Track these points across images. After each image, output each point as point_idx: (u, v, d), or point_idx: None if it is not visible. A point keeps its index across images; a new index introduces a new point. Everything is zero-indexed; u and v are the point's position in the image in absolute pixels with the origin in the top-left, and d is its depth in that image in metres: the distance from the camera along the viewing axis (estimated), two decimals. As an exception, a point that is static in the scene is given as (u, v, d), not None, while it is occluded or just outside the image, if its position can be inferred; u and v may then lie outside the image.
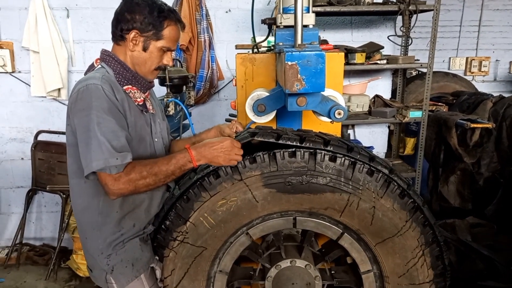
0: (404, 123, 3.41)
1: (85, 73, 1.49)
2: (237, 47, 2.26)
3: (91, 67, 1.51)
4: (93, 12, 3.29)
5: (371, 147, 3.35)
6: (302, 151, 1.37)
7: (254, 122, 1.68)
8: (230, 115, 2.86)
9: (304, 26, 1.54)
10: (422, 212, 1.46)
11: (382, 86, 3.52)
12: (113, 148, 1.32)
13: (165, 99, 2.04)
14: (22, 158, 3.45)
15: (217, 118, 3.50)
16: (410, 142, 3.59)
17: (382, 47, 3.12)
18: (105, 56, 1.48)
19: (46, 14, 3.11)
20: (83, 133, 1.34)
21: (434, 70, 3.63)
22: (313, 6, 2.83)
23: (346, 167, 1.39)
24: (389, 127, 3.61)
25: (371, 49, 3.09)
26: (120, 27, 1.44)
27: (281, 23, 1.53)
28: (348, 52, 2.96)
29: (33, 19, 3.10)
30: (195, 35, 3.23)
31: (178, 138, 2.05)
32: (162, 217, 1.50)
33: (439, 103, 3.98)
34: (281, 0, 1.56)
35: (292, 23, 1.42)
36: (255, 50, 1.92)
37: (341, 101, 1.55)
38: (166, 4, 1.49)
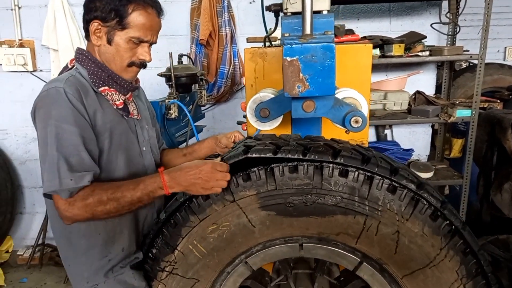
0: (457, 123, 3.02)
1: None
2: (248, 40, 2.01)
3: (64, 69, 1.33)
4: (112, 7, 3.18)
5: (411, 150, 3.00)
6: (305, 165, 1.11)
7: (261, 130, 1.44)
8: (244, 116, 2.62)
9: (317, 12, 1.27)
10: (462, 237, 1.15)
11: (425, 81, 3.14)
12: (69, 167, 1.14)
13: (166, 101, 1.85)
14: (46, 158, 3.42)
15: (240, 117, 3.27)
16: (458, 143, 3.19)
17: (425, 37, 2.75)
18: (79, 55, 1.30)
19: (65, 11, 3.03)
20: (41, 148, 1.17)
21: (486, 61, 3.20)
22: (343, -8, 2.53)
23: (360, 183, 1.11)
24: (433, 126, 3.23)
25: (411, 40, 2.73)
26: (85, 19, 1.25)
27: (286, 9, 1.27)
28: (384, 43, 2.62)
29: (51, 17, 3.03)
30: (216, 28, 3.02)
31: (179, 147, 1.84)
32: (148, 244, 1.30)
33: (493, 99, 3.53)
34: (289, -18, 1.30)
35: (301, 9, 1.15)
36: (267, 43, 1.66)
37: (364, 104, 1.26)
38: None
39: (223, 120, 3.31)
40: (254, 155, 1.13)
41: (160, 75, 2.04)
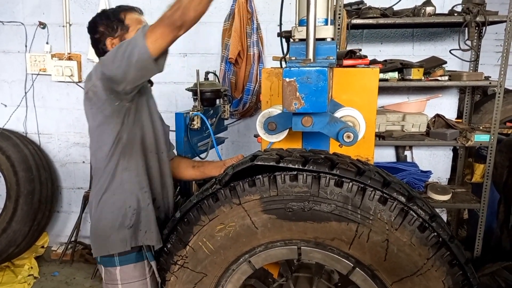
0: (475, 147, 3.03)
1: None
2: (273, 59, 2.18)
3: None
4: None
5: (429, 172, 3.03)
6: (304, 175, 1.24)
7: (273, 143, 1.59)
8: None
9: (321, 40, 1.42)
10: (449, 249, 1.23)
11: (447, 105, 3.19)
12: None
13: (190, 113, 2.04)
14: (84, 162, 3.71)
15: (263, 132, 3.43)
16: (480, 168, 3.19)
17: (445, 62, 2.81)
18: None
19: (109, 28, 3.34)
20: (112, 53, 1.43)
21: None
22: (365, 18, 2.66)
23: (354, 193, 1.22)
24: (456, 150, 3.25)
25: (431, 64, 2.80)
26: (100, 47, 1.64)
27: (294, 36, 1.43)
28: (404, 67, 2.72)
29: (97, 34, 3.34)
30: (245, 48, 3.22)
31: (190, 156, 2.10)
32: (164, 239, 1.46)
33: (519, 126, 3.50)
34: (298, 11, 1.46)
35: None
36: (283, 64, 1.82)
37: (361, 122, 1.38)
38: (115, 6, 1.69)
39: (247, 134, 3.48)
40: (259, 163, 1.27)
41: (188, 89, 2.24)
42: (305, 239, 1.34)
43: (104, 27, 1.62)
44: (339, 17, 2.52)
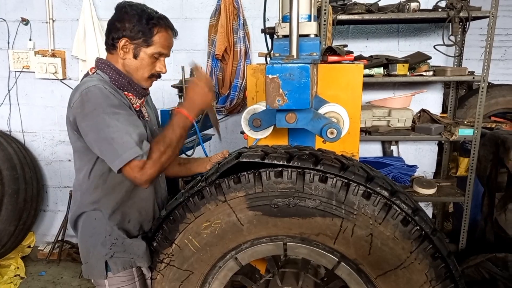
0: (460, 141, 3.08)
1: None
2: (259, 55, 2.18)
3: (85, 76, 1.53)
4: (137, 22, 3.42)
5: (415, 166, 3.07)
6: (289, 171, 1.24)
7: (259, 140, 1.59)
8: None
9: (304, 36, 1.42)
10: (432, 242, 1.25)
11: (432, 100, 3.22)
12: (138, 136, 1.36)
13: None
14: (69, 160, 3.66)
15: (250, 128, 3.43)
16: (464, 162, 3.25)
17: (429, 58, 2.84)
18: (100, 64, 1.50)
19: (94, 25, 3.29)
20: (101, 132, 1.34)
21: (501, 82, 3.23)
22: (350, 14, 2.67)
23: (338, 188, 1.23)
24: (442, 144, 3.29)
25: (416, 60, 2.83)
26: (111, 36, 1.48)
27: (277, 32, 1.43)
28: (389, 62, 2.74)
29: (82, 30, 3.30)
30: (232, 44, 3.21)
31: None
32: (150, 238, 1.46)
33: (503, 120, 3.56)
34: (281, 8, 1.46)
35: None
36: (268, 60, 1.82)
37: (345, 117, 1.39)
38: (156, 12, 1.49)
39: (235, 130, 3.47)
40: (244, 160, 1.27)
41: (173, 86, 2.22)
42: (290, 235, 1.35)
43: (130, 25, 1.44)
44: (325, 13, 2.52)
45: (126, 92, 1.50)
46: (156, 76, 1.56)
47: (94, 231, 1.50)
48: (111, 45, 1.48)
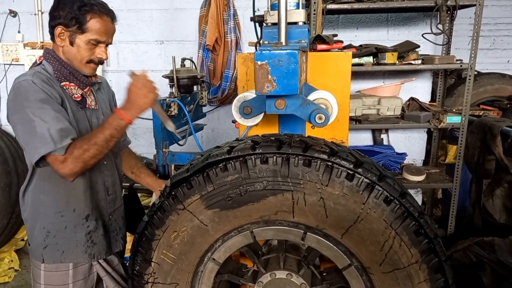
0: (448, 129, 3.13)
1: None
2: (249, 44, 2.20)
3: (34, 64, 1.57)
4: (127, 14, 3.41)
5: (404, 154, 3.10)
6: (232, 163, 1.26)
7: (250, 127, 1.61)
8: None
9: (293, 23, 1.44)
10: (381, 187, 1.23)
11: (421, 88, 3.24)
12: (59, 131, 1.37)
13: (167, 99, 2.04)
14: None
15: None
16: (453, 149, 3.28)
17: (418, 46, 2.86)
18: (46, 54, 1.53)
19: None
20: (24, 126, 1.38)
21: (489, 71, 3.27)
22: (340, 3, 2.68)
23: (280, 165, 1.24)
24: (431, 132, 3.34)
25: (405, 48, 2.85)
26: (50, 25, 1.50)
27: (266, 20, 1.44)
28: (378, 51, 2.76)
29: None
30: (222, 35, 3.21)
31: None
32: (131, 264, 1.48)
33: (490, 108, 3.61)
34: (270, -4, 1.47)
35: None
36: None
37: (334, 103, 1.42)
38: None
39: (227, 121, 3.49)
40: (191, 172, 1.29)
41: (164, 76, 2.23)
42: (253, 221, 1.36)
43: (63, 13, 1.45)
44: (315, 3, 2.53)
45: (67, 83, 1.52)
46: (96, 62, 1.55)
47: (35, 214, 1.56)
48: (51, 33, 1.51)
